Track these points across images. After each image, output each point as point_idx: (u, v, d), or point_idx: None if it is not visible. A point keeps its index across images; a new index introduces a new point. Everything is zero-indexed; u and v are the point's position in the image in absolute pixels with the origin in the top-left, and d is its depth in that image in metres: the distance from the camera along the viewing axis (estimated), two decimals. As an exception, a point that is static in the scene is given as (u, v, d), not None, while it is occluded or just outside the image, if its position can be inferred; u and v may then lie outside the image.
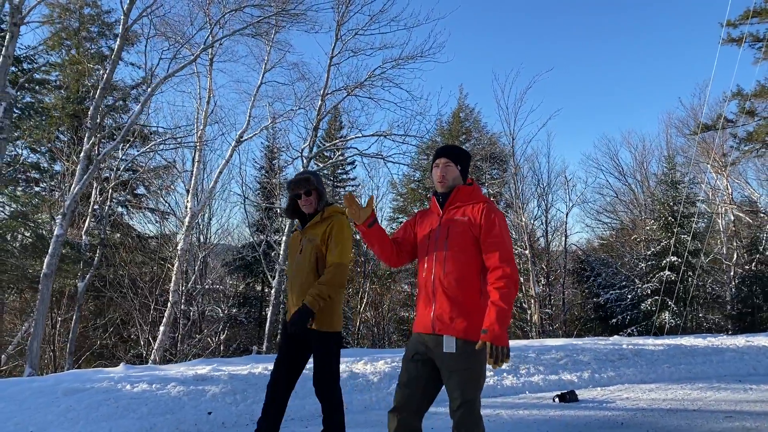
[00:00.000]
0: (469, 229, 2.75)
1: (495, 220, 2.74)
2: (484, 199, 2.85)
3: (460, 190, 2.86)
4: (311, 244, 3.47)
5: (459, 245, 2.74)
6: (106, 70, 13.23)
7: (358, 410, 5.19)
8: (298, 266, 3.51)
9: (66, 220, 12.13)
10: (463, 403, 2.63)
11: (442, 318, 2.71)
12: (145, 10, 12.93)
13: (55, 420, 4.29)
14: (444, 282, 2.73)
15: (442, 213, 2.86)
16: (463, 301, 2.70)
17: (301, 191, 3.55)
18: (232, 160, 17.44)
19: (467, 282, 2.71)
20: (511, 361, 6.51)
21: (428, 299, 2.78)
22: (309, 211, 3.57)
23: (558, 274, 23.21)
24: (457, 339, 2.65)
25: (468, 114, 30.76)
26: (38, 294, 12.18)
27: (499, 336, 2.51)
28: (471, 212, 2.78)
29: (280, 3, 14.40)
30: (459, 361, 2.64)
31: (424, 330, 2.77)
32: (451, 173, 2.88)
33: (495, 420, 4.90)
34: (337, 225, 3.47)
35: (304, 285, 3.43)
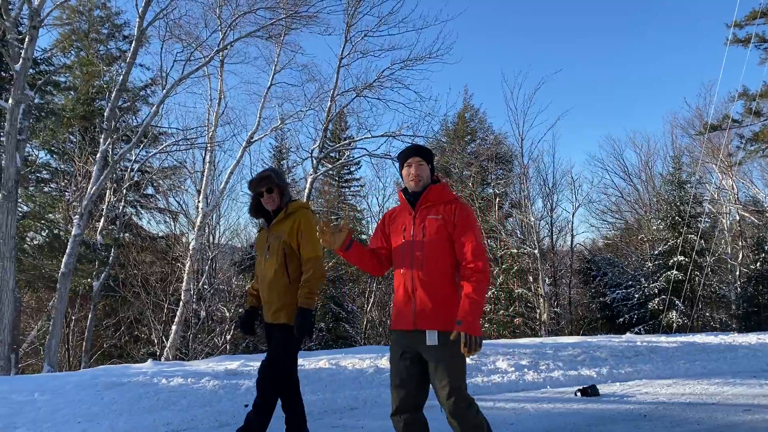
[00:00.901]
0: (444, 226, 2.84)
1: (467, 216, 2.86)
2: (454, 197, 2.97)
3: (432, 188, 2.94)
4: (278, 241, 3.49)
5: (435, 242, 2.83)
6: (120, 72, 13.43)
7: (384, 403, 5.32)
8: (267, 263, 3.53)
9: (83, 220, 12.30)
10: (453, 390, 2.71)
11: (423, 313, 2.79)
12: (159, 13, 13.09)
13: (100, 412, 4.45)
14: (423, 279, 2.81)
15: (415, 212, 2.93)
16: (442, 295, 2.80)
17: (263, 189, 3.55)
18: (242, 161, 17.60)
19: (444, 277, 2.82)
20: (530, 357, 6.68)
21: (408, 296, 2.85)
22: (272, 208, 3.58)
23: (564, 273, 23.38)
24: (439, 332, 2.74)
25: (473, 114, 30.95)
26: (55, 293, 12.37)
27: (473, 326, 2.63)
28: (444, 210, 2.87)
29: (292, 6, 14.58)
30: (443, 352, 2.73)
31: (406, 327, 2.85)
32: (425, 172, 2.96)
33: (521, 413, 5.05)
34: (304, 220, 3.49)
35: (273, 282, 3.47)
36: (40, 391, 4.75)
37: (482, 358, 6.59)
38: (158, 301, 15.88)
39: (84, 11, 21.25)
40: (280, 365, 3.50)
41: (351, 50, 17.31)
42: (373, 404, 5.29)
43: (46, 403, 4.47)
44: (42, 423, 4.17)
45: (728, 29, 17.43)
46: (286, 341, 3.47)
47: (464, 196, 22.70)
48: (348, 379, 5.66)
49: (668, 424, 4.71)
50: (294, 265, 3.46)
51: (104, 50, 21.77)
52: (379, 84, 17.36)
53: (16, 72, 11.08)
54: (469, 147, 29.95)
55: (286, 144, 22.00)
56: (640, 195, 27.85)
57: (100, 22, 22.14)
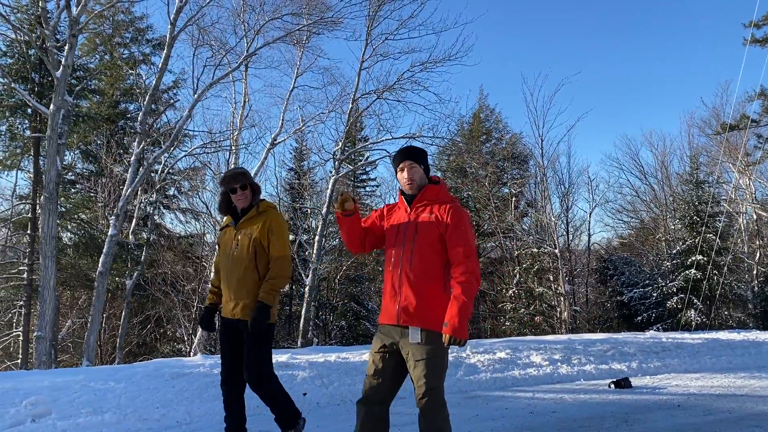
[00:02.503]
0: (436, 226, 2.88)
1: (461, 218, 2.89)
2: (450, 198, 3.01)
3: (427, 189, 2.98)
4: (248, 239, 3.51)
5: (426, 241, 2.87)
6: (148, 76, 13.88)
7: (432, 394, 5.69)
8: (235, 261, 3.53)
9: (119, 220, 12.75)
10: (428, 391, 2.74)
11: (407, 310, 2.83)
12: (189, 20, 13.52)
13: (174, 399, 4.82)
14: (410, 276, 2.85)
15: (410, 210, 2.99)
16: (428, 294, 2.82)
17: (237, 185, 3.57)
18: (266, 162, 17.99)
19: (432, 276, 2.85)
20: (561, 352, 6.98)
21: (394, 292, 2.89)
22: (243, 205, 3.60)
23: (580, 272, 23.59)
24: (422, 330, 2.78)
25: (488, 114, 31.18)
26: (93, 291, 12.82)
27: (459, 329, 2.68)
28: (438, 210, 2.91)
29: (318, 12, 14.96)
30: (424, 351, 2.76)
31: (390, 321, 2.90)
32: (417, 174, 3.00)
33: (560, 402, 5.38)
34: (275, 219, 3.55)
35: (242, 279, 3.49)
36: (114, 381, 5.14)
37: (517, 353, 6.91)
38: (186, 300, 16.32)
39: (108, 16, 21.75)
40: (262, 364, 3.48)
41: (372, 53, 17.68)
42: (409, 393, 5.62)
43: (123, 391, 4.85)
44: (125, 408, 4.54)
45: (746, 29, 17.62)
46: (263, 339, 3.47)
47: (480, 195, 23.01)
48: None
49: (701, 413, 5.00)
50: (263, 263, 3.50)
51: (128, 54, 22.24)
52: (399, 86, 17.69)
53: (56, 79, 11.54)
54: (485, 147, 30.20)
55: (306, 145, 22.35)
56: (656, 194, 27.95)
57: (124, 26, 22.62)
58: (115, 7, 22.20)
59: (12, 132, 14.25)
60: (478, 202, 23.87)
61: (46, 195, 11.57)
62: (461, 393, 5.73)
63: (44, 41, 11.88)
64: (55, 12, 12.61)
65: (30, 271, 13.12)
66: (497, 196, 23.05)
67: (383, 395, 2.90)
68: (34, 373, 6.30)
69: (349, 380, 5.61)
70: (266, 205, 3.64)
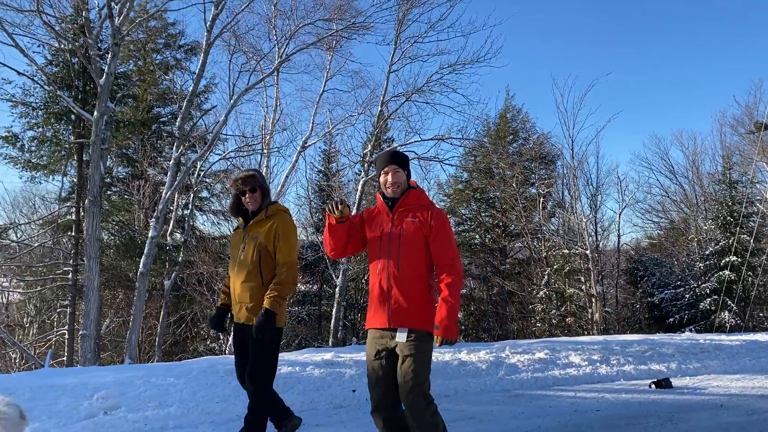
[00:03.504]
0: (420, 229, 2.97)
1: (443, 222, 3.01)
2: (430, 202, 3.13)
3: (410, 194, 3.08)
4: (254, 242, 3.48)
5: (411, 245, 2.96)
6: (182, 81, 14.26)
7: (474, 392, 5.85)
8: (241, 264, 3.52)
9: (159, 222, 13.13)
10: (416, 386, 2.83)
11: (397, 312, 2.92)
12: (225, 27, 13.86)
13: (232, 394, 5.06)
14: (398, 278, 2.94)
15: (393, 215, 3.06)
16: (415, 295, 2.93)
17: (247, 188, 3.54)
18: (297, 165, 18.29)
19: (418, 278, 2.95)
20: (600, 353, 7.07)
21: (383, 296, 2.97)
22: (253, 208, 3.57)
23: (609, 273, 23.41)
24: (410, 329, 2.89)
25: (515, 114, 31.09)
26: (135, 291, 13.24)
27: (450, 330, 2.82)
28: (421, 215, 3.01)
29: (349, 17, 15.19)
30: (412, 347, 2.86)
31: (381, 325, 2.98)
32: (401, 178, 3.08)
33: (602, 401, 5.49)
34: (283, 223, 3.49)
35: (246, 282, 3.47)
36: (173, 377, 5.40)
37: (555, 354, 7.02)
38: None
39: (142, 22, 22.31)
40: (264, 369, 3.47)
41: (401, 56, 17.85)
42: (464, 392, 5.80)
43: (184, 386, 5.10)
44: (188, 402, 4.80)
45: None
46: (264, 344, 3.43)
47: (507, 196, 23.02)
48: (436, 371, 6.16)
49: (744, 412, 5.07)
50: (268, 268, 3.46)
51: (160, 59, 22.78)
52: (428, 88, 17.83)
53: (100, 86, 11.94)
54: (511, 147, 30.13)
55: (335, 147, 22.62)
56: (686, 194, 27.58)
57: (157, 32, 23.16)
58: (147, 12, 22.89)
59: (57, 138, 14.77)
60: (505, 202, 23.89)
61: (90, 198, 11.97)
62: (503, 392, 5.88)
63: (87, 50, 12.30)
64: (98, 21, 13.05)
65: (74, 272, 13.61)
66: (524, 196, 23.03)
67: (392, 399, 2.97)
68: (96, 369, 6.61)
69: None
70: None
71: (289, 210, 3.68)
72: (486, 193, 27.19)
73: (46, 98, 14.46)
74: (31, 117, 14.63)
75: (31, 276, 14.71)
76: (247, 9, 14.30)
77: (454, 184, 29.58)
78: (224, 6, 13.34)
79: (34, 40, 12.93)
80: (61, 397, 4.65)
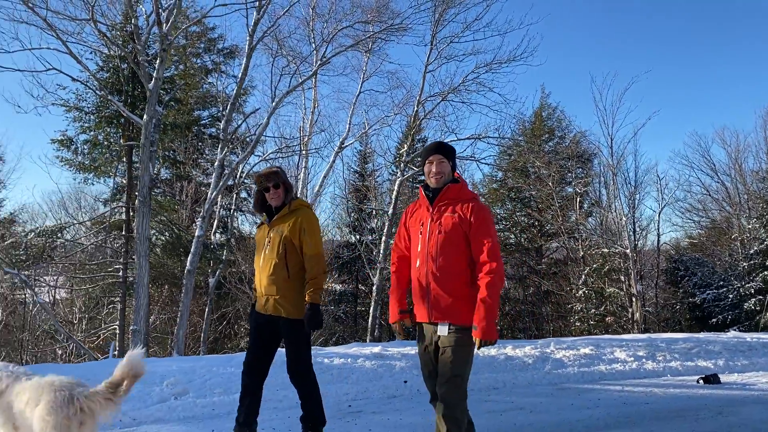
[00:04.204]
0: (460, 224, 2.92)
1: (484, 216, 2.94)
2: (472, 196, 3.06)
3: (450, 187, 3.02)
4: (279, 236, 3.54)
5: (450, 240, 2.92)
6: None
7: (522, 385, 5.98)
8: (267, 258, 3.58)
9: (205, 222, 13.56)
10: (453, 377, 2.83)
11: (437, 307, 2.93)
12: (267, 30, 14.23)
13: (289, 383, 5.29)
14: (437, 274, 2.92)
15: (432, 208, 3.02)
16: (455, 291, 2.90)
17: (270, 184, 3.61)
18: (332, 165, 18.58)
19: (458, 274, 2.91)
20: (645, 349, 7.10)
21: (423, 290, 2.98)
22: (276, 203, 3.64)
23: (648, 273, 23.07)
24: (450, 324, 2.89)
25: (551, 113, 30.86)
26: (182, 288, 13.70)
27: (488, 331, 2.78)
28: (461, 209, 2.95)
29: (386, 19, 15.40)
30: (452, 340, 2.87)
31: (423, 319, 3.02)
32: (445, 169, 3.04)
33: (651, 395, 5.55)
34: (306, 218, 3.56)
35: (273, 275, 3.53)
36: (232, 366, 5.67)
37: (600, 350, 7.08)
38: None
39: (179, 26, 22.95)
40: (303, 359, 3.62)
41: (437, 56, 17.96)
42: (512, 385, 5.94)
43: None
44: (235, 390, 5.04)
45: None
46: (300, 336, 3.57)
47: (543, 195, 22.89)
48: (484, 364, 6.31)
49: (796, 408, 5.07)
50: (294, 261, 3.52)
51: (200, 63, 23.40)
52: (464, 87, 17.89)
53: (149, 90, 12.41)
54: (547, 146, 29.91)
55: (371, 147, 22.87)
56: (728, 192, 26.94)
57: (197, 37, 23.77)
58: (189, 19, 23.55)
59: (108, 141, 15.39)
60: (541, 201, 23.77)
61: (140, 199, 12.44)
62: (551, 385, 6.00)
63: (136, 56, 12.80)
64: (145, 28, 13.56)
65: (124, 269, 14.16)
66: (560, 195, 22.88)
67: None
68: (160, 359, 6.96)
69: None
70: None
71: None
72: (521, 193, 27.03)
73: (97, 103, 15.08)
74: (84, 121, 15.29)
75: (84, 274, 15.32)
76: (287, 13, 14.70)
77: (489, 184, 29.52)
78: (266, 11, 13.74)
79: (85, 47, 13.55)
80: (133, 383, 4.96)
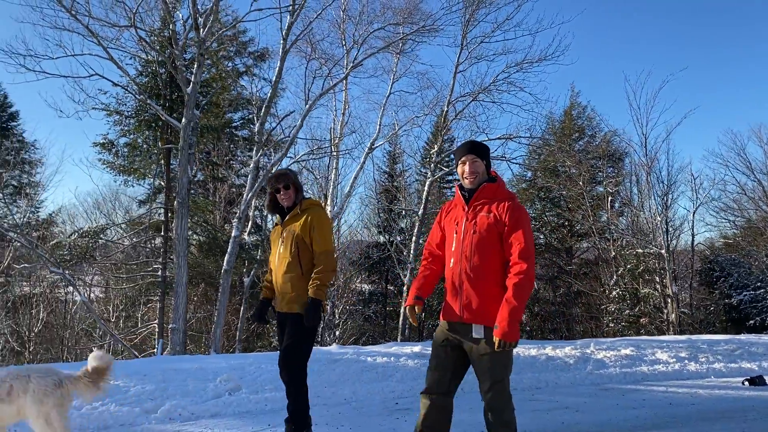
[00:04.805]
0: (495, 225, 2.88)
1: (519, 217, 2.88)
2: (508, 196, 2.98)
3: (486, 187, 2.98)
4: (291, 235, 3.62)
5: (484, 240, 2.88)
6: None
7: (565, 385, 6.02)
8: (281, 257, 3.68)
9: (241, 223, 13.84)
10: (494, 384, 2.81)
11: (469, 308, 2.88)
12: (300, 34, 14.44)
13: (337, 380, 5.45)
14: (470, 274, 2.88)
15: (468, 208, 2.99)
16: (488, 292, 2.86)
17: (281, 185, 3.70)
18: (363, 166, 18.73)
19: (491, 274, 2.87)
20: (687, 351, 7.06)
21: (455, 290, 2.94)
22: (288, 204, 3.74)
23: (681, 274, 22.71)
24: (485, 326, 2.83)
25: (581, 111, 30.56)
26: (215, 287, 14.02)
27: (509, 333, 2.72)
28: (496, 209, 2.91)
29: (417, 20, 15.49)
30: (488, 346, 2.81)
31: (453, 318, 2.96)
32: (479, 168, 2.99)
33: (696, 396, 5.55)
34: (317, 216, 3.65)
35: (287, 274, 3.61)
36: (282, 364, 5.84)
37: (641, 350, 7.07)
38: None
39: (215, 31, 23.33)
40: (297, 354, 3.62)
41: (467, 57, 17.96)
42: (555, 385, 5.98)
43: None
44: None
45: None
46: (301, 331, 3.59)
47: (573, 195, 22.70)
48: (525, 365, 6.37)
49: None
50: (306, 258, 3.61)
51: (231, 66, 23.78)
52: (495, 87, 17.86)
53: (187, 95, 12.71)
54: (577, 145, 29.63)
55: (401, 148, 22.98)
56: (765, 191, 26.34)
57: (229, 40, 24.15)
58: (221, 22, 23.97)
59: (147, 144, 15.80)
60: (571, 201, 23.58)
61: (179, 200, 12.74)
62: (594, 385, 6.02)
63: (174, 60, 13.12)
64: (182, 33, 13.89)
65: (163, 269, 14.52)
66: (591, 195, 22.66)
67: (447, 386, 2.98)
68: (207, 357, 7.17)
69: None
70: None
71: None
72: (551, 192, 26.83)
73: (136, 107, 15.50)
74: (124, 125, 15.73)
75: (124, 273, 15.76)
76: (318, 17, 14.89)
77: (518, 183, 29.36)
78: (299, 15, 13.95)
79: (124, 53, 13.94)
80: (188, 379, 5.15)
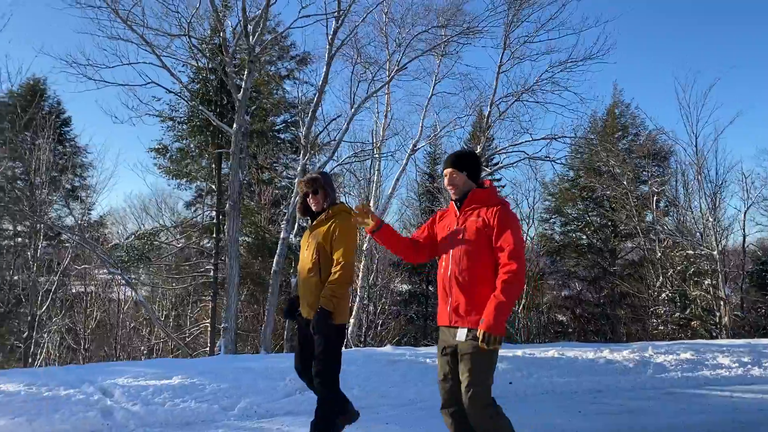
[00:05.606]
0: (483, 229, 2.94)
1: (507, 221, 2.94)
2: (498, 201, 3.05)
3: (475, 193, 3.06)
4: (314, 242, 3.60)
5: (473, 244, 2.94)
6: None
7: (626, 389, 6.03)
8: (302, 263, 3.67)
9: (289, 224, 14.16)
10: (469, 386, 2.82)
11: (457, 311, 2.94)
12: (345, 39, 14.66)
13: (400, 381, 5.59)
14: (459, 278, 2.94)
15: (459, 214, 3.07)
16: (476, 296, 2.89)
17: (309, 190, 3.67)
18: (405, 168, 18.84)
19: (480, 278, 2.91)
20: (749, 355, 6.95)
21: (445, 294, 3.00)
22: (316, 209, 3.69)
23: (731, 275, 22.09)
24: (469, 329, 2.87)
25: (623, 110, 30.01)
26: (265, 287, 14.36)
27: (493, 325, 2.74)
28: (485, 214, 2.97)
29: (460, 21, 15.51)
30: (470, 347, 2.84)
31: (443, 323, 3.03)
32: (459, 180, 3.07)
33: (764, 402, 5.49)
34: (340, 224, 3.56)
35: (306, 280, 3.61)
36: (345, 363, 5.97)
37: (701, 355, 6.99)
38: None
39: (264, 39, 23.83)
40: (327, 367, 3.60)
41: (509, 57, 17.83)
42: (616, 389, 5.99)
43: (358, 372, 5.68)
44: (365, 386, 5.36)
45: None
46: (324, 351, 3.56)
47: (616, 195, 22.32)
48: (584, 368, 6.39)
49: None
50: (326, 266, 3.55)
51: (273, 70, 24.21)
52: (538, 87, 17.67)
53: (238, 101, 13.05)
54: (620, 144, 29.10)
55: (442, 149, 23.02)
56: (820, 189, 25.36)
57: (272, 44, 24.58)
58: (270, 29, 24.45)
59: (199, 149, 16.31)
60: (615, 201, 23.21)
61: (231, 203, 13.10)
62: (655, 389, 6.00)
63: (225, 67, 13.49)
64: (233, 40, 14.28)
65: (215, 270, 14.96)
66: (635, 195, 22.24)
67: (458, 396, 2.95)
68: (271, 356, 7.41)
69: (546, 373, 6.09)
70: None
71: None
72: (593, 192, 26.44)
73: (188, 113, 16.00)
74: (177, 130, 16.26)
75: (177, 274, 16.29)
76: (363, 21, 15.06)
77: (560, 183, 28.99)
78: (344, 20, 14.17)
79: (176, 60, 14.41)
80: (258, 378, 5.36)
